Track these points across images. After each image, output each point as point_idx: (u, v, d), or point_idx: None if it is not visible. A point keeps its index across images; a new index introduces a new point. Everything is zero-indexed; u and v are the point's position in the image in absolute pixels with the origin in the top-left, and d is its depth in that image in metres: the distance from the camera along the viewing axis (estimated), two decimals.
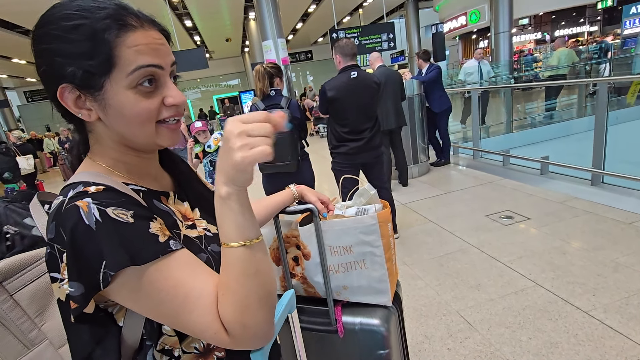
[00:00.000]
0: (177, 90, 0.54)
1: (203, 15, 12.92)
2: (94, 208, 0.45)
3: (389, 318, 1.00)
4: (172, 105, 0.54)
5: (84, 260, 0.44)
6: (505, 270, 2.31)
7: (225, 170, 0.47)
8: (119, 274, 0.45)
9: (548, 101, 7.18)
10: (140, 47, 0.49)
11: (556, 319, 1.83)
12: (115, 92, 0.50)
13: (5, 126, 12.17)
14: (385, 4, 12.80)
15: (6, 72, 16.78)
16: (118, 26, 0.48)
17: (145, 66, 0.50)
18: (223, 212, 0.49)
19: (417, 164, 4.61)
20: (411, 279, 2.39)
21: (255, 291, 0.48)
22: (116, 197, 0.49)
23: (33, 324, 0.60)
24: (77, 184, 0.51)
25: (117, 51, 0.48)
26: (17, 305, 0.59)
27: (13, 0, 8.60)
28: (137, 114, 0.51)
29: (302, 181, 2.39)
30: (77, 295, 0.45)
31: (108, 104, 0.51)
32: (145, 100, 0.51)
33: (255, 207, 0.90)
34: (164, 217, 0.55)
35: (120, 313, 0.51)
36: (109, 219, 0.45)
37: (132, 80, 0.49)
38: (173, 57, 0.55)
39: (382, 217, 0.96)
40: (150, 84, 0.51)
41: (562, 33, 16.96)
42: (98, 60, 0.48)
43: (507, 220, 3.00)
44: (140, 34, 0.50)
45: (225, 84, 22.55)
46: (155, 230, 0.49)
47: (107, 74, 0.49)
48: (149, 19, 0.53)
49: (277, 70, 2.36)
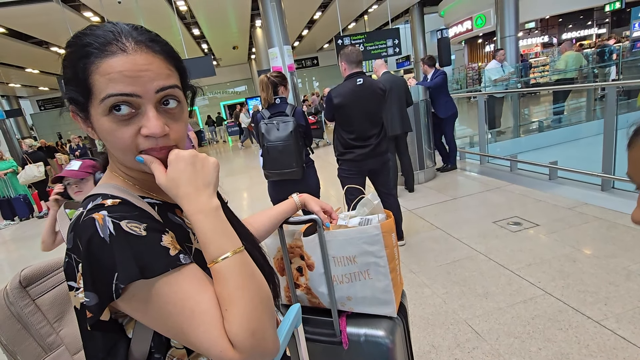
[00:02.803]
0: (156, 120, 0.50)
1: (211, 24, 13.12)
2: (109, 221, 0.47)
3: (394, 329, 0.99)
4: (149, 137, 0.51)
5: (98, 272, 0.46)
6: (513, 278, 2.28)
7: (207, 182, 0.52)
8: (129, 286, 0.46)
9: (556, 105, 7.10)
10: (112, 75, 0.48)
11: (567, 329, 1.80)
12: (96, 117, 0.51)
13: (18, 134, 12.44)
14: (391, 10, 12.85)
15: (20, 82, 17.19)
16: (96, 53, 0.49)
17: (114, 95, 0.48)
18: (216, 226, 0.51)
19: (423, 170, 4.58)
20: (418, 286, 2.37)
21: (257, 293, 0.49)
22: (131, 210, 0.51)
23: (52, 329, 0.62)
24: (97, 196, 0.53)
25: (91, 79, 0.49)
26: (38, 309, 0.62)
27: (27, 13, 8.84)
28: (114, 142, 0.52)
29: (307, 188, 2.40)
30: (92, 305, 0.46)
31: (95, 128, 0.53)
32: (121, 128, 0.50)
33: (259, 219, 0.90)
34: (177, 230, 0.56)
35: (130, 324, 0.52)
36: (122, 232, 0.47)
37: (104, 107, 0.49)
38: (166, 82, 0.52)
39: (386, 227, 0.95)
40: (119, 111, 0.49)
41: (569, 36, 16.82)
42: (79, 87, 0.50)
43: (515, 226, 2.96)
44: (118, 60, 0.49)
45: (232, 90, 22.78)
46: (167, 243, 0.50)
47: (87, 100, 0.51)
48: (142, 40, 0.51)
49: (281, 78, 2.38)
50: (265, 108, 2.38)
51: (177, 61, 0.56)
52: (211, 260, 0.50)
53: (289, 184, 2.39)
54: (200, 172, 0.52)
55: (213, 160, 0.55)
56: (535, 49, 16.62)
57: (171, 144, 0.54)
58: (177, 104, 0.54)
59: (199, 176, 0.52)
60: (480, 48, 18.26)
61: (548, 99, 8.15)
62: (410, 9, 15.89)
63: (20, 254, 4.93)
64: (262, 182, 2.76)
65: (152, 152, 0.53)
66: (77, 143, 10.09)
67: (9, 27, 9.97)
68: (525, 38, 17.00)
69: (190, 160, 0.52)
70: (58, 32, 10.30)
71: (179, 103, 0.54)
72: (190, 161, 0.52)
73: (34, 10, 8.70)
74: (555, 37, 17.03)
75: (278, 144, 2.27)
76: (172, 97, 0.53)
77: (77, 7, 9.30)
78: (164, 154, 0.53)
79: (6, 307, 0.59)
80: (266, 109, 2.37)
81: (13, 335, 0.59)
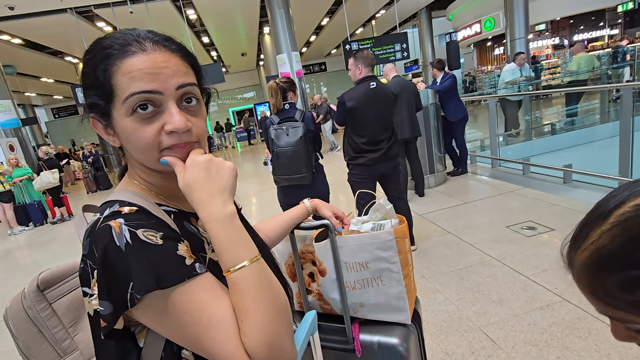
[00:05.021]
0: (179, 115, 0.51)
1: (220, 32, 13.31)
2: (125, 229, 0.47)
3: (408, 337, 0.97)
4: (173, 133, 0.51)
5: (113, 280, 0.46)
6: (529, 284, 2.22)
7: (221, 188, 0.51)
8: (145, 296, 0.46)
9: (569, 107, 6.98)
10: (134, 74, 0.49)
11: (586, 337, 1.74)
12: (118, 120, 0.51)
13: (34, 141, 12.77)
14: (398, 15, 12.87)
15: (35, 91, 17.67)
16: (116, 54, 0.49)
17: (137, 93, 0.48)
18: (230, 234, 0.50)
19: (433, 174, 4.54)
20: (430, 292, 2.33)
21: (274, 304, 0.48)
22: (147, 218, 0.50)
23: (67, 333, 0.62)
24: (114, 202, 0.53)
25: (114, 80, 0.49)
26: (54, 313, 0.61)
27: (42, 24, 9.10)
28: (137, 142, 0.51)
29: (316, 193, 2.39)
30: (106, 314, 0.46)
31: (117, 132, 0.53)
32: (143, 127, 0.50)
33: (270, 224, 0.90)
34: (192, 239, 0.55)
35: (142, 334, 0.52)
36: (138, 241, 0.46)
37: (128, 107, 0.49)
38: (185, 79, 0.52)
39: (399, 233, 0.94)
40: (145, 109, 0.49)
41: (581, 37, 16.58)
42: (101, 90, 0.50)
43: (529, 231, 2.90)
44: (138, 59, 0.49)
45: (240, 96, 23.02)
46: (183, 252, 0.49)
47: (110, 103, 0.51)
48: (158, 40, 0.52)
49: (290, 84, 2.38)
50: (274, 114, 2.39)
51: (193, 60, 0.56)
52: (227, 269, 0.49)
53: (299, 189, 2.38)
54: (214, 178, 0.51)
55: (229, 164, 0.54)
56: (546, 51, 16.41)
57: (194, 139, 0.54)
58: (196, 101, 0.54)
59: (213, 181, 0.51)
60: (489, 51, 18.13)
61: (560, 101, 8.01)
62: (418, 13, 15.88)
63: (33, 259, 5.02)
64: (271, 188, 2.76)
65: (176, 148, 0.52)
66: (89, 150, 10.27)
67: (26, 38, 10.28)
68: (535, 40, 16.81)
69: (204, 166, 0.51)
70: (72, 42, 10.58)
71: (197, 101, 0.55)
72: (204, 166, 0.51)
73: (50, 21, 8.95)
74: (566, 39, 16.80)
75: (288, 150, 2.27)
76: (192, 94, 0.53)
77: (91, 18, 9.55)
78: (187, 149, 0.53)
79: (23, 310, 0.60)
80: (275, 114, 2.38)
81: (29, 339, 0.60)
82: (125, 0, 8.40)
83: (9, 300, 0.60)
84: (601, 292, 0.37)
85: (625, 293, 0.35)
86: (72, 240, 5.57)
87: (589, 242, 0.37)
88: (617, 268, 0.35)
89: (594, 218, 0.37)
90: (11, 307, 0.61)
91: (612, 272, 0.35)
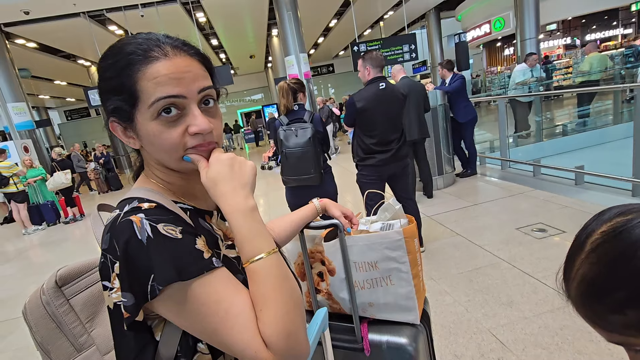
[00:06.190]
0: (202, 117, 0.53)
1: (228, 34, 13.44)
2: (147, 224, 0.49)
3: (417, 337, 0.97)
4: (197, 134, 0.53)
5: (135, 273, 0.47)
6: (539, 287, 2.19)
7: (243, 183, 0.53)
8: (166, 287, 0.47)
9: (580, 108, 6.87)
10: (159, 79, 0.50)
11: (599, 341, 1.71)
12: (142, 123, 0.53)
13: (47, 143, 13.03)
14: (407, 16, 12.83)
15: (49, 93, 18.03)
16: (140, 60, 0.51)
17: (163, 98, 0.50)
18: (252, 226, 0.52)
19: (442, 175, 4.51)
20: (439, 294, 2.31)
21: (291, 295, 0.50)
22: (166, 213, 0.53)
23: (84, 328, 0.64)
24: (133, 199, 0.55)
25: (139, 85, 0.51)
26: (72, 309, 0.63)
27: (55, 28, 9.31)
28: (162, 144, 0.53)
29: (325, 194, 2.39)
30: (129, 305, 0.48)
31: (140, 135, 0.54)
32: (169, 130, 0.52)
33: (281, 223, 0.91)
34: (207, 236, 0.57)
35: (158, 327, 0.53)
36: (159, 235, 0.48)
37: (153, 111, 0.51)
38: (205, 82, 0.54)
39: (408, 233, 0.94)
40: (169, 113, 0.51)
41: (593, 37, 16.31)
42: (125, 95, 0.52)
43: (540, 233, 2.86)
44: (162, 64, 0.51)
45: (249, 98, 23.17)
46: (201, 246, 0.51)
47: (134, 107, 0.52)
48: (178, 45, 0.54)
49: (300, 85, 2.40)
50: (284, 114, 2.41)
51: (209, 62, 0.58)
52: (247, 260, 0.52)
53: (307, 189, 2.39)
54: (237, 173, 0.54)
55: (250, 163, 0.57)
56: (557, 51, 16.19)
57: (215, 139, 0.56)
58: (213, 103, 0.57)
59: (235, 177, 0.54)
60: (499, 51, 17.94)
61: (572, 102, 7.90)
62: (427, 14, 15.81)
63: (46, 258, 5.12)
64: (279, 189, 2.78)
65: (199, 148, 0.55)
66: (101, 151, 10.45)
67: (40, 41, 10.52)
68: (546, 40, 16.59)
69: (228, 162, 0.54)
70: (85, 45, 10.79)
71: (214, 102, 0.57)
72: (228, 163, 0.54)
73: (63, 25, 9.15)
74: (578, 39, 16.55)
75: (296, 151, 2.28)
76: (210, 97, 0.56)
77: (103, 22, 9.73)
78: (210, 149, 0.56)
79: (42, 306, 0.61)
80: (285, 115, 2.40)
81: (47, 334, 0.61)
82: (136, 4, 8.54)
83: (24, 297, 0.62)
84: (597, 320, 0.37)
85: (617, 315, 0.36)
86: (84, 240, 5.67)
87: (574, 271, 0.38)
88: (602, 293, 0.36)
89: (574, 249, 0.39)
90: (30, 302, 0.63)
91: (600, 297, 0.36)
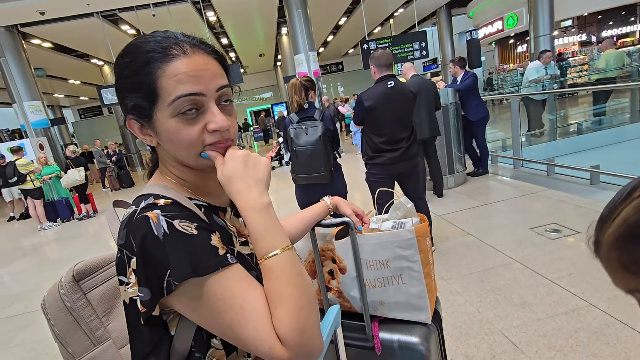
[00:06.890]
0: (220, 115, 0.54)
1: (238, 33, 13.50)
2: (163, 220, 0.49)
3: (429, 336, 0.96)
4: (216, 131, 0.54)
5: (151, 268, 0.48)
6: (553, 288, 2.15)
7: (258, 180, 0.54)
8: (182, 283, 0.48)
9: (596, 106, 6.71)
10: (179, 77, 0.51)
11: (614, 344, 1.67)
12: (161, 120, 0.53)
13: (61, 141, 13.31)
14: (417, 13, 12.71)
15: (63, 92, 18.41)
16: (160, 58, 0.51)
17: (184, 95, 0.51)
18: (267, 222, 0.52)
19: (452, 174, 4.46)
20: (450, 294, 2.29)
21: (305, 291, 0.50)
22: (181, 210, 0.53)
23: (100, 322, 0.65)
24: (149, 195, 0.55)
25: (159, 82, 0.51)
26: (88, 303, 0.64)
27: (69, 28, 9.49)
28: (181, 141, 0.54)
29: (334, 192, 2.38)
30: (146, 300, 0.48)
31: (158, 132, 0.55)
32: (188, 127, 0.53)
33: (292, 221, 0.91)
34: (221, 232, 0.57)
35: (173, 322, 0.54)
36: (175, 231, 0.49)
37: (173, 109, 0.52)
38: (222, 81, 0.55)
39: (420, 231, 0.93)
40: (190, 111, 0.52)
41: (609, 34, 15.91)
42: (144, 92, 0.52)
43: (553, 233, 2.81)
44: (182, 62, 0.51)
45: (258, 97, 23.26)
46: (216, 242, 0.52)
47: (153, 104, 0.53)
48: (196, 43, 0.54)
49: (311, 83, 2.41)
50: (295, 112, 2.41)
51: (224, 61, 0.59)
52: (261, 256, 0.52)
53: (317, 188, 2.39)
54: (252, 170, 0.55)
55: (265, 160, 0.57)
56: (572, 48, 15.83)
57: (231, 137, 0.57)
58: (230, 101, 0.58)
59: (250, 173, 0.54)
60: (511, 49, 17.64)
61: (587, 100, 7.72)
62: (437, 11, 15.64)
63: (61, 254, 5.23)
64: (289, 187, 2.78)
65: (218, 145, 0.56)
66: (113, 149, 10.61)
67: (55, 41, 10.74)
68: (561, 37, 16.24)
69: (242, 159, 0.55)
70: (98, 45, 10.97)
71: (230, 101, 0.58)
72: (242, 159, 0.55)
73: (77, 25, 9.32)
74: (594, 35, 16.16)
75: (307, 149, 2.28)
76: (227, 95, 0.57)
77: (115, 21, 9.87)
78: (227, 146, 0.57)
79: (60, 300, 0.63)
80: (295, 113, 2.40)
81: (65, 327, 0.63)
82: (148, 4, 8.64)
83: (40, 291, 0.64)
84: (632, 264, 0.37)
85: None
86: (98, 236, 5.78)
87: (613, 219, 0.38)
88: None
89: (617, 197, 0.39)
90: (48, 296, 0.64)
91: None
